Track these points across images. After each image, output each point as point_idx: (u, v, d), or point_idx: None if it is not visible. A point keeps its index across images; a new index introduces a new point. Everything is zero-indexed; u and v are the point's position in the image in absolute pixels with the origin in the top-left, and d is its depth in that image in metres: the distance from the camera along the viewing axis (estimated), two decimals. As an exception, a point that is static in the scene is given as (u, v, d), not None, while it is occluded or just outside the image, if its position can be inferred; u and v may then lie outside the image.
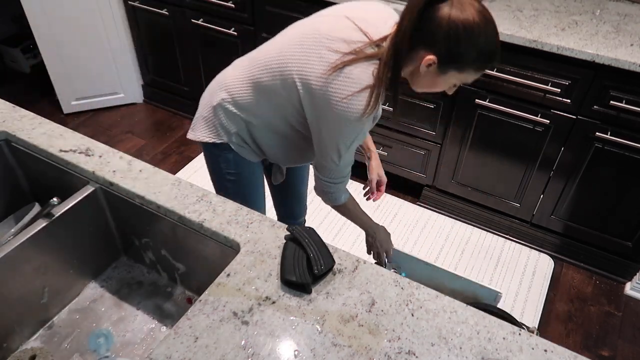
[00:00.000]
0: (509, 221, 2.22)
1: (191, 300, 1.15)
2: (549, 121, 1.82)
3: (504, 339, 0.81)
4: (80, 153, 1.14)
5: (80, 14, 2.58)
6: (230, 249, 0.96)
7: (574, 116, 1.78)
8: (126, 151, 1.63)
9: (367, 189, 1.50)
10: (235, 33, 2.33)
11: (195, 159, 2.60)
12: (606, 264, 2.09)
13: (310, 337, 0.80)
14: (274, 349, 0.78)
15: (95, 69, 2.80)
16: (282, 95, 1.11)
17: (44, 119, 1.25)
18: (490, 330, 0.82)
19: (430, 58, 0.94)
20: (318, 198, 1.28)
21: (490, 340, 0.81)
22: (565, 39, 1.68)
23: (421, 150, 2.22)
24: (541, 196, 2.04)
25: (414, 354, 0.78)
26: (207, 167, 1.37)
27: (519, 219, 2.19)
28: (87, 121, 2.89)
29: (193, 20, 2.42)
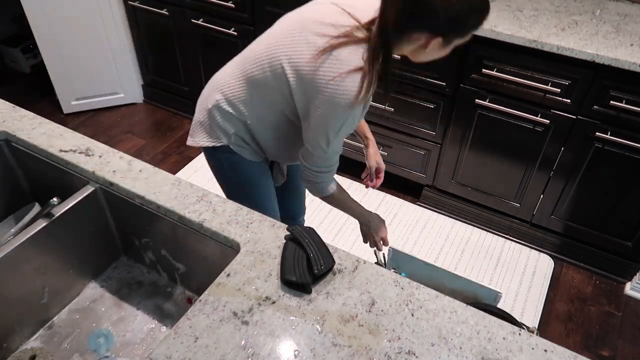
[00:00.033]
0: (509, 221, 2.22)
1: (191, 300, 1.15)
2: (549, 121, 1.82)
3: (504, 339, 0.81)
4: (80, 153, 1.14)
5: (80, 14, 2.58)
6: (230, 249, 0.96)
7: (574, 116, 1.78)
8: (126, 151, 1.63)
9: (366, 176, 1.48)
10: (235, 33, 2.33)
11: (195, 159, 2.60)
12: (606, 264, 2.09)
13: (310, 337, 0.80)
14: (274, 349, 0.78)
15: (95, 69, 2.80)
16: (274, 86, 1.10)
17: (44, 119, 1.25)
18: (490, 330, 0.82)
19: (436, 41, 0.95)
20: (318, 198, 1.28)
21: (490, 340, 0.81)
22: (565, 39, 1.68)
23: (421, 150, 2.22)
24: (541, 196, 2.04)
25: (414, 354, 0.78)
26: (214, 174, 1.36)
27: (519, 219, 2.19)
28: (87, 121, 2.89)
29: (193, 20, 2.42)
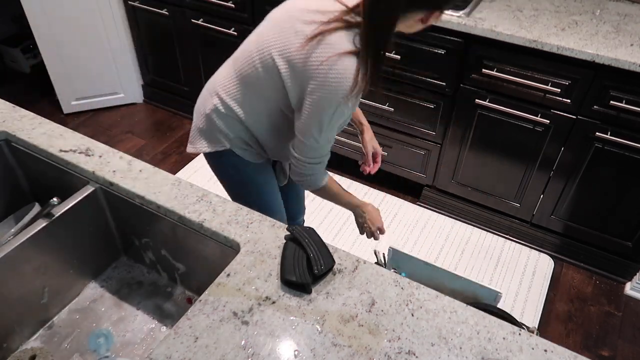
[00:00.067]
0: (509, 221, 2.22)
1: (191, 300, 1.15)
2: (549, 121, 1.82)
3: (504, 339, 0.81)
4: (80, 153, 1.14)
5: (80, 14, 2.58)
6: (230, 249, 0.96)
7: (574, 116, 1.78)
8: (126, 151, 1.63)
9: (363, 163, 1.46)
10: (235, 33, 2.33)
11: (196, 159, 2.60)
12: (606, 264, 2.09)
13: (310, 337, 0.80)
14: (274, 349, 0.78)
15: (95, 69, 2.80)
16: (267, 81, 1.10)
17: (44, 119, 1.25)
18: (490, 330, 0.82)
19: (437, 14, 0.98)
20: (318, 198, 1.27)
21: (490, 340, 0.81)
22: (565, 39, 1.68)
23: (421, 150, 2.22)
24: (541, 196, 2.04)
25: (414, 354, 0.78)
26: (218, 179, 1.36)
27: (519, 219, 2.19)
28: (87, 121, 2.89)
29: (193, 20, 2.42)
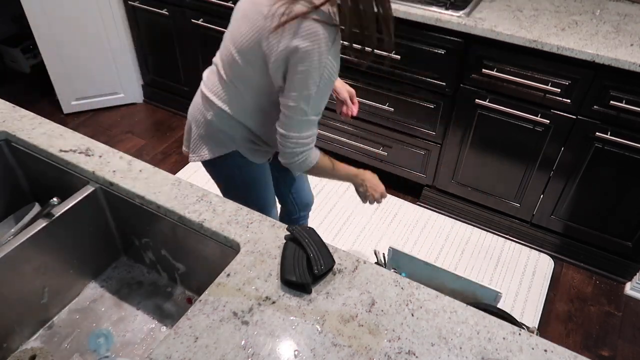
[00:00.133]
0: (509, 221, 2.22)
1: (191, 300, 1.15)
2: (549, 121, 1.82)
3: (504, 339, 0.81)
4: (80, 153, 1.14)
5: (80, 14, 2.58)
6: (230, 249, 0.96)
7: (574, 116, 1.78)
8: (126, 151, 1.64)
9: (341, 108, 1.44)
10: (235, 33, 2.33)
11: (195, 159, 2.60)
12: (606, 264, 2.09)
13: (310, 337, 0.80)
14: (274, 349, 0.78)
15: (95, 69, 2.80)
16: (252, 73, 1.11)
17: (44, 119, 1.25)
18: (490, 330, 0.82)
19: None
20: (319, 199, 1.27)
21: (490, 340, 0.81)
22: (565, 39, 1.68)
23: (421, 150, 2.22)
24: (541, 196, 2.04)
25: (414, 354, 0.78)
26: (219, 184, 1.36)
27: (519, 219, 2.19)
28: (87, 121, 2.89)
29: (193, 20, 2.42)
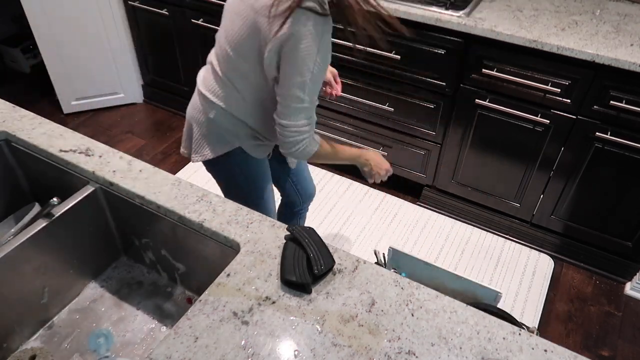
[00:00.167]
0: (509, 221, 2.22)
1: (191, 300, 1.15)
2: (549, 121, 1.82)
3: (504, 339, 0.81)
4: (80, 153, 1.14)
5: (80, 14, 2.58)
6: (230, 249, 0.96)
7: (574, 116, 1.78)
8: (126, 151, 1.63)
9: (327, 88, 1.44)
10: (235, 33, 2.33)
11: (195, 159, 2.60)
12: (606, 264, 2.09)
13: (310, 337, 0.80)
14: (274, 349, 0.78)
15: (95, 69, 2.80)
16: (249, 68, 1.12)
17: (44, 119, 1.25)
18: (490, 330, 0.82)
19: None
20: (319, 199, 1.28)
21: (490, 340, 0.81)
22: (565, 39, 1.68)
23: (421, 150, 2.22)
24: (541, 196, 2.04)
25: (414, 354, 0.78)
26: (220, 182, 1.37)
27: (519, 219, 2.19)
28: (87, 121, 2.89)
29: (193, 20, 2.42)
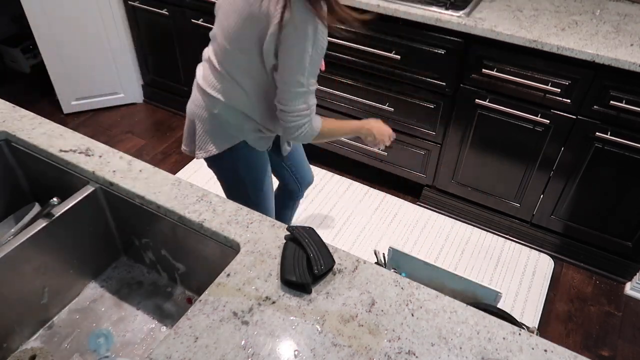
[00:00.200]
0: (509, 221, 2.22)
1: (191, 300, 1.15)
2: (549, 121, 1.82)
3: (504, 339, 0.81)
4: (80, 153, 1.14)
5: (80, 14, 2.58)
6: (230, 249, 0.96)
7: (574, 116, 1.78)
8: (126, 151, 1.63)
9: None
10: (235, 33, 2.33)
11: (196, 159, 2.60)
12: (606, 264, 2.09)
13: (310, 337, 0.80)
14: (274, 349, 0.78)
15: (95, 69, 2.80)
16: (248, 60, 1.13)
17: (44, 119, 1.25)
18: (490, 330, 0.82)
19: None
20: (319, 199, 1.28)
21: (490, 340, 0.81)
22: (565, 39, 1.68)
23: (421, 150, 2.22)
24: (541, 196, 2.04)
25: (414, 354, 0.78)
26: (223, 178, 1.38)
27: (519, 219, 2.19)
28: (87, 121, 2.89)
29: (193, 20, 2.42)
